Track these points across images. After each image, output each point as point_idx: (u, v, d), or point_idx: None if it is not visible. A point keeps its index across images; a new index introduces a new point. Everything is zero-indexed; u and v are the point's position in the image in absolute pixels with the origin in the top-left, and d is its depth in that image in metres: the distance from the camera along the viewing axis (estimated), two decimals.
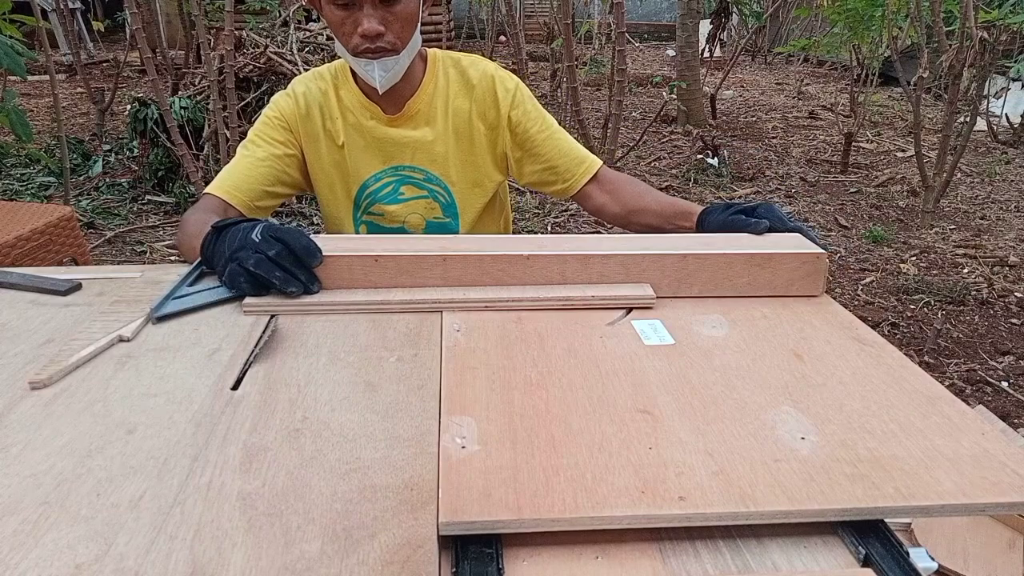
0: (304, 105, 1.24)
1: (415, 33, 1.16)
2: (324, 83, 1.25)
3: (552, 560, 0.51)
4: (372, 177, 1.27)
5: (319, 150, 1.26)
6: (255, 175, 1.20)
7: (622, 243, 0.92)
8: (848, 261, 3.54)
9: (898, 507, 0.54)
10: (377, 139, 1.25)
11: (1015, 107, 6.05)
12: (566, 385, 0.70)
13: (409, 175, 1.27)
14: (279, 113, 1.25)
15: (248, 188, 1.19)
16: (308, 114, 1.24)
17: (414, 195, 1.29)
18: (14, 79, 6.16)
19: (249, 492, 0.55)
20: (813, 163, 5.20)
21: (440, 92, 1.25)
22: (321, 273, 0.87)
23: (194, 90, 4.49)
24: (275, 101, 1.26)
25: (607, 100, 5.18)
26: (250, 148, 1.23)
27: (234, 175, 1.19)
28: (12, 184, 4.14)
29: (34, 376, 0.69)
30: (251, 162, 1.21)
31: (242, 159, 1.22)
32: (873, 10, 4.48)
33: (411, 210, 1.30)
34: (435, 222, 1.32)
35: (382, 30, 1.10)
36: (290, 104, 1.24)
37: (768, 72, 9.53)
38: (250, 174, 1.20)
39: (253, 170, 1.20)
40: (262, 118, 1.25)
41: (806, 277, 0.91)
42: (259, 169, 1.21)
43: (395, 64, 1.15)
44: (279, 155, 1.23)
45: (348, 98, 1.25)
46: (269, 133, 1.24)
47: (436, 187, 1.28)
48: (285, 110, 1.24)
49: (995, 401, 2.41)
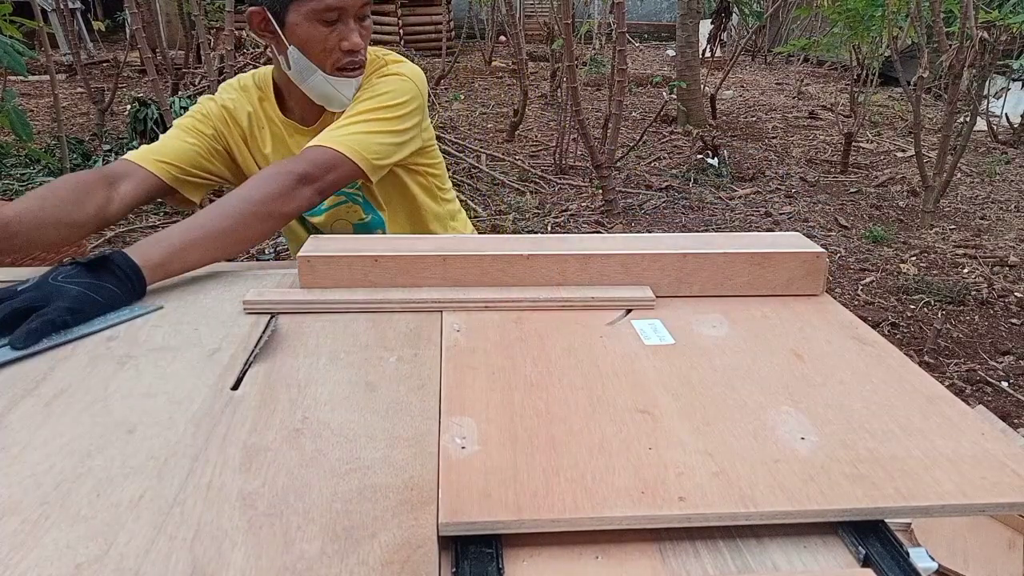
0: (233, 108, 1.23)
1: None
2: (249, 92, 1.24)
3: (552, 560, 0.51)
4: None
5: (249, 154, 1.25)
6: (177, 150, 1.17)
7: (622, 243, 0.92)
8: (848, 261, 3.54)
9: (898, 507, 0.54)
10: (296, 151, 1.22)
11: (1015, 107, 6.05)
12: (566, 385, 0.70)
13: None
14: (206, 111, 1.22)
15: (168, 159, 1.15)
16: (236, 119, 1.23)
17: (333, 203, 1.28)
18: (14, 79, 6.16)
19: (249, 492, 0.55)
20: (813, 163, 5.20)
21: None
22: (321, 273, 0.87)
23: (194, 90, 4.49)
24: (201, 101, 1.24)
25: (607, 100, 5.18)
26: (171, 133, 1.21)
27: (150, 148, 1.17)
28: (12, 184, 4.14)
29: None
30: (173, 141, 1.18)
31: (162, 139, 1.19)
32: (873, 10, 4.48)
33: (335, 217, 1.30)
34: (361, 224, 1.31)
35: (362, 46, 1.12)
36: (216, 107, 1.23)
37: (768, 72, 9.52)
38: (170, 148, 1.17)
39: (176, 147, 1.17)
40: (186, 115, 1.23)
41: (806, 276, 0.91)
42: (183, 147, 1.18)
43: (360, 79, 1.16)
44: (204, 144, 1.20)
45: (269, 112, 1.24)
46: (194, 126, 1.21)
47: (348, 188, 1.27)
48: (212, 110, 1.23)
49: (995, 401, 2.41)
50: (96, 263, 0.83)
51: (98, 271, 0.83)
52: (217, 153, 1.23)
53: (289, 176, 1.02)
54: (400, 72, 1.19)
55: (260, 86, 1.25)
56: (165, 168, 1.15)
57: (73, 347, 0.76)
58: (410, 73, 1.20)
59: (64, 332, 0.78)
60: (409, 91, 1.18)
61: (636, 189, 4.55)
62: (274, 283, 0.92)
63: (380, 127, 1.13)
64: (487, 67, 9.12)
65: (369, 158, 1.10)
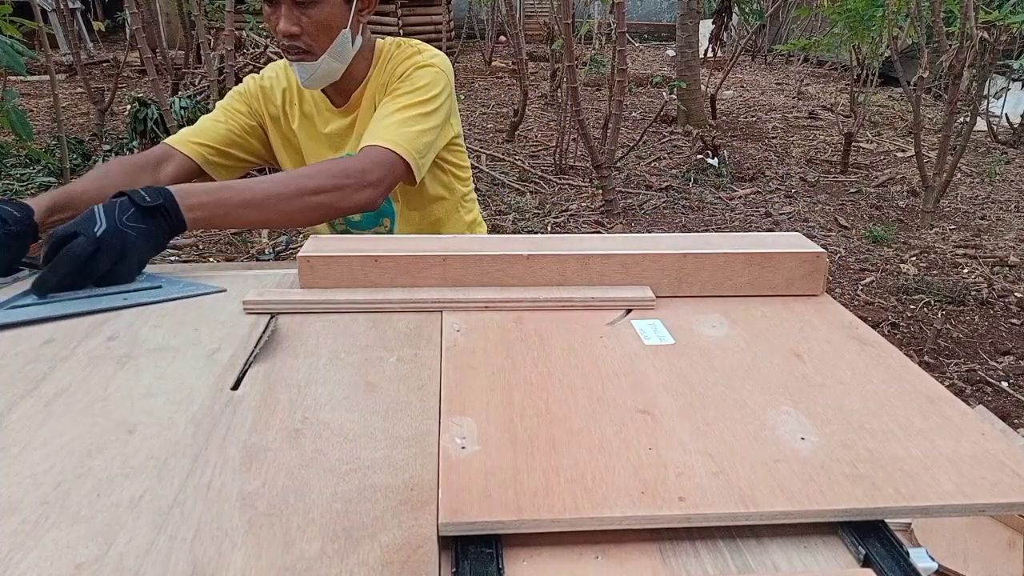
0: (269, 86, 1.29)
1: (338, 39, 1.15)
2: (290, 69, 1.26)
3: (552, 560, 0.51)
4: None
5: (279, 131, 1.30)
6: (211, 132, 1.24)
7: (622, 243, 0.92)
8: (848, 261, 3.54)
9: (898, 507, 0.54)
10: (324, 131, 1.28)
11: (1015, 107, 6.05)
12: (566, 385, 0.70)
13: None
14: (244, 88, 1.30)
15: (202, 140, 1.22)
16: (270, 96, 1.29)
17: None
18: (14, 79, 6.16)
19: (249, 492, 0.55)
20: (813, 163, 5.20)
21: (370, 85, 1.25)
22: (321, 273, 0.87)
23: (194, 90, 4.49)
24: (244, 80, 1.32)
25: (607, 100, 5.18)
26: (210, 115, 1.28)
27: (188, 130, 1.24)
28: (12, 184, 4.14)
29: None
30: (209, 122, 1.26)
31: (200, 121, 1.26)
32: (873, 10, 4.48)
33: None
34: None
35: (296, 31, 1.11)
36: (254, 84, 1.29)
37: (768, 72, 9.52)
38: (205, 129, 1.24)
39: (210, 128, 1.24)
40: (228, 94, 1.31)
41: (806, 276, 0.91)
42: (217, 128, 1.25)
43: (315, 69, 1.16)
44: (239, 122, 1.27)
45: (305, 91, 1.27)
46: (231, 104, 1.28)
47: None
48: (250, 87, 1.29)
49: (995, 401, 2.41)
50: (153, 210, 0.89)
51: (155, 217, 0.90)
52: (252, 130, 1.28)
53: (354, 175, 1.06)
54: (435, 64, 1.21)
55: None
56: (198, 150, 1.21)
57: (73, 347, 0.76)
58: (443, 66, 1.22)
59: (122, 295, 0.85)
60: (444, 85, 1.20)
61: (636, 189, 4.56)
62: (274, 283, 0.92)
63: (424, 124, 1.15)
64: (487, 67, 9.12)
65: (417, 160, 1.13)
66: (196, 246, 3.52)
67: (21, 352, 0.75)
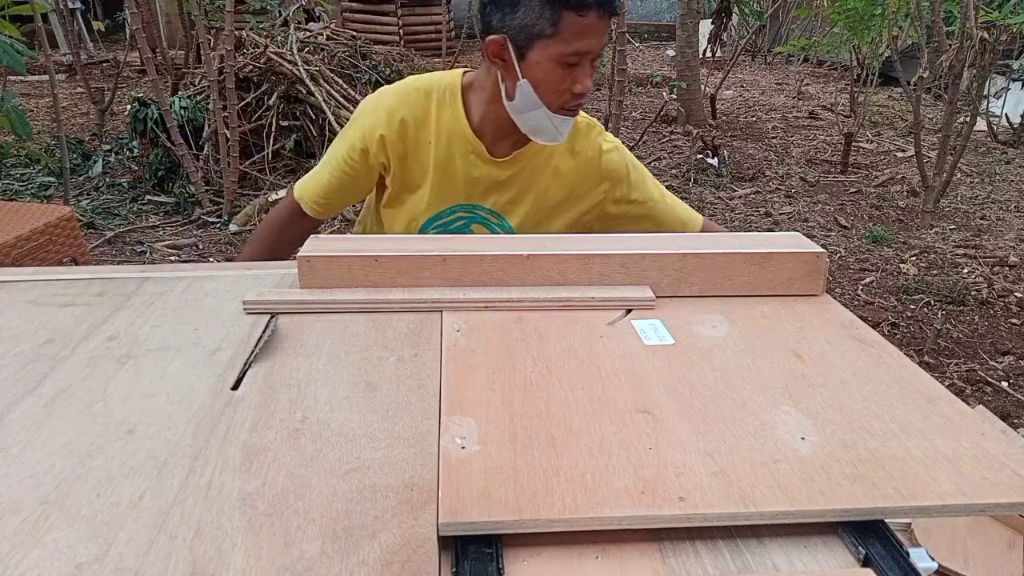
0: (398, 129, 1.19)
1: None
2: (428, 103, 1.20)
3: (552, 560, 0.51)
4: (448, 209, 1.26)
5: (400, 170, 1.23)
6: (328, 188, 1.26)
7: (622, 243, 0.92)
8: (848, 261, 3.54)
9: (898, 507, 0.54)
10: (468, 175, 1.22)
11: (1015, 107, 6.05)
12: (566, 385, 0.70)
13: (485, 216, 1.27)
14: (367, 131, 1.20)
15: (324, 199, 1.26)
16: (400, 138, 1.20)
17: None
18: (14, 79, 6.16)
19: (249, 492, 0.55)
20: (813, 163, 5.20)
21: (543, 150, 1.24)
22: (322, 273, 0.87)
23: (194, 90, 4.49)
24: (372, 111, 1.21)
25: (607, 100, 5.18)
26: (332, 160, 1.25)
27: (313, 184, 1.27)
28: (12, 184, 4.14)
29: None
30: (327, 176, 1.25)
31: (324, 168, 1.26)
32: (873, 10, 4.48)
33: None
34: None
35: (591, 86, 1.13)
36: (382, 124, 1.19)
37: (768, 72, 9.52)
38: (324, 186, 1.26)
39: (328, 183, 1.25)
40: (351, 128, 1.23)
41: (806, 276, 0.91)
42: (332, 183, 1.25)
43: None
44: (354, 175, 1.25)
45: (451, 125, 1.20)
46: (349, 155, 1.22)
47: (503, 233, 1.28)
48: (374, 128, 1.19)
49: (995, 401, 2.41)
50: None
51: None
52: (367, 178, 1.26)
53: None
54: (621, 150, 1.30)
55: (444, 96, 1.21)
56: (317, 210, 1.27)
57: (73, 347, 0.76)
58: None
59: None
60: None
61: None
62: (274, 283, 0.92)
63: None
64: None
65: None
66: (196, 246, 3.52)
67: (21, 352, 0.75)
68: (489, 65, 1.14)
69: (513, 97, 1.12)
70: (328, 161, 1.25)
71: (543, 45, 1.06)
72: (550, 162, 1.25)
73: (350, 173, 1.23)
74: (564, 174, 1.26)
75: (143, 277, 0.95)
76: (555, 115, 1.12)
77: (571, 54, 1.06)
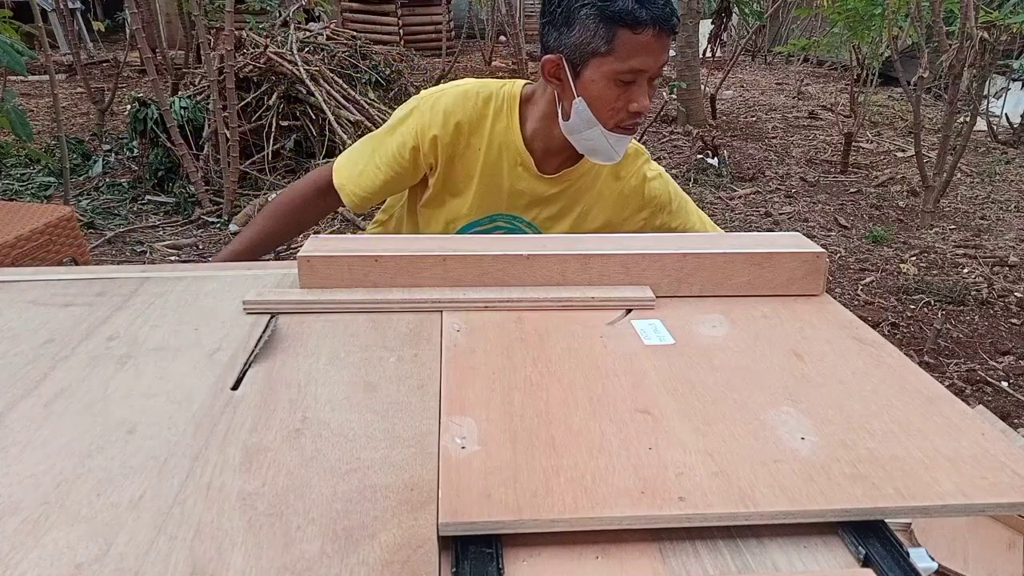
0: (452, 132, 1.18)
1: None
2: (485, 110, 1.19)
3: (552, 560, 0.51)
4: (488, 216, 1.25)
5: (443, 173, 1.22)
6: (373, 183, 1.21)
7: (622, 243, 0.92)
8: (848, 261, 3.54)
9: (898, 507, 0.54)
10: (513, 187, 1.22)
11: (1015, 107, 6.05)
12: (566, 385, 0.70)
13: (524, 229, 1.27)
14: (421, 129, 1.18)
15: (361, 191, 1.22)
16: (452, 140, 1.18)
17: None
18: (14, 79, 6.16)
19: (249, 492, 0.55)
20: (813, 163, 5.20)
21: (590, 171, 1.24)
22: (321, 273, 0.87)
23: (194, 90, 4.49)
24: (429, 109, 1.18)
25: None
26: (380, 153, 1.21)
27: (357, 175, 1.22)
28: (12, 184, 4.14)
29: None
30: (374, 170, 1.21)
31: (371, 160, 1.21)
32: (873, 10, 4.48)
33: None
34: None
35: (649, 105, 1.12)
36: (437, 124, 1.17)
37: (768, 72, 9.53)
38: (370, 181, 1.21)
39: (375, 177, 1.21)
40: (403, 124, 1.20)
41: (806, 276, 0.91)
42: (377, 179, 1.21)
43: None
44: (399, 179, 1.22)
45: (503, 135, 1.19)
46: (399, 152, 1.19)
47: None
48: (429, 127, 1.17)
49: (995, 401, 2.41)
50: None
51: None
52: (412, 176, 1.24)
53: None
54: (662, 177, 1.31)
55: (501, 106, 1.20)
56: (357, 203, 1.23)
57: (73, 347, 0.76)
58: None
59: None
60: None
61: None
62: (274, 283, 0.92)
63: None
64: (487, 67, 9.12)
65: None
66: (196, 246, 3.52)
67: (21, 352, 0.75)
68: (545, 84, 1.14)
69: (569, 116, 1.12)
70: (377, 153, 1.21)
71: (598, 63, 1.05)
72: (595, 184, 1.26)
73: (398, 171, 1.21)
74: (607, 198, 1.27)
75: (143, 277, 0.95)
76: (611, 133, 1.12)
77: (626, 72, 1.05)
